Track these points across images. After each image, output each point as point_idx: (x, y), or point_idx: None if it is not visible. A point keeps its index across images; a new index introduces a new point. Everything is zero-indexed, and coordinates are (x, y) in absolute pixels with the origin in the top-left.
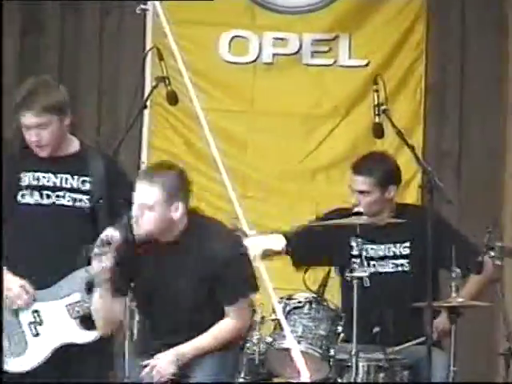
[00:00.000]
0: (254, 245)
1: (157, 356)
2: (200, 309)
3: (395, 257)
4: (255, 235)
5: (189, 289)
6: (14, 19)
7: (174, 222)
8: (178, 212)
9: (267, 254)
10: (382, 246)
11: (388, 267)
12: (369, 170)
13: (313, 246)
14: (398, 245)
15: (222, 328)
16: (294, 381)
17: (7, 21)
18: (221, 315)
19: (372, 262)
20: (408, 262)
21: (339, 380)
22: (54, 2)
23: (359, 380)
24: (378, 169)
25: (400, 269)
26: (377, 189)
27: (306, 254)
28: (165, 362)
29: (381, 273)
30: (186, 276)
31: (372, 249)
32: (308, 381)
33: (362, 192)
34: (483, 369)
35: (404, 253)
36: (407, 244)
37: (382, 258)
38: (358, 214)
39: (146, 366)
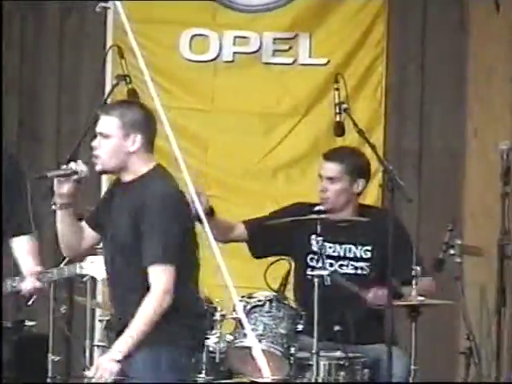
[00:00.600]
0: None
1: (100, 358)
2: (133, 262)
3: (355, 259)
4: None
5: (121, 239)
6: None
7: (131, 156)
8: (135, 145)
9: (230, 239)
10: (343, 246)
11: (347, 268)
12: (340, 157)
13: (272, 238)
14: (360, 247)
15: (145, 303)
16: (255, 379)
17: None
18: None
19: (331, 261)
20: (368, 266)
21: (299, 379)
22: (15, 1)
23: (320, 379)
24: (350, 158)
25: (359, 272)
26: (346, 177)
27: (265, 245)
28: (106, 362)
29: (339, 273)
30: (121, 224)
31: (330, 247)
32: (269, 379)
33: (330, 178)
34: (443, 368)
35: (365, 256)
36: (368, 248)
37: (342, 258)
38: (320, 212)
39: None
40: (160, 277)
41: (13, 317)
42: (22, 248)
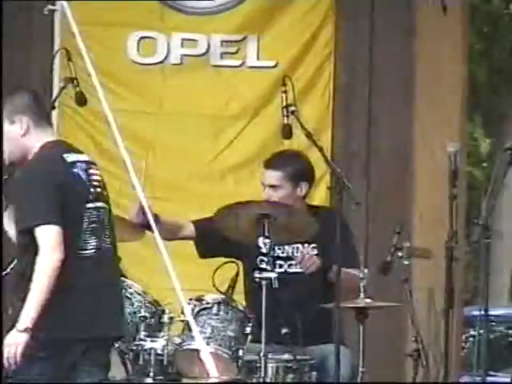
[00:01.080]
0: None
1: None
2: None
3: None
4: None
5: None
6: None
7: (24, 139)
8: (22, 129)
9: (178, 237)
10: (291, 246)
11: (296, 267)
12: (280, 165)
13: (220, 238)
14: (306, 245)
15: (35, 269)
16: (204, 381)
17: None
18: None
19: (281, 262)
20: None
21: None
22: None
23: (268, 379)
24: (290, 164)
25: (302, 271)
26: (288, 184)
27: (213, 244)
28: (12, 337)
29: (289, 273)
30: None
31: (279, 249)
32: (216, 381)
33: (273, 186)
34: (391, 370)
35: (312, 254)
36: (315, 245)
37: (291, 259)
38: (266, 215)
39: None
40: (41, 238)
41: None
42: None
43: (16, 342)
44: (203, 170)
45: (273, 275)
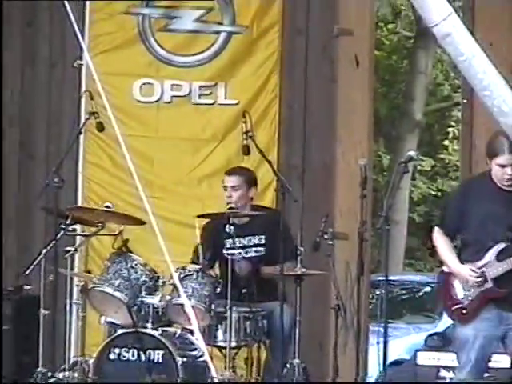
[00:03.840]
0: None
1: None
2: None
3: (254, 245)
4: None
5: None
6: None
7: None
8: None
9: None
10: (246, 238)
11: (251, 253)
12: (239, 172)
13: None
14: (257, 237)
15: None
16: (186, 326)
17: None
18: None
19: (239, 251)
20: (263, 249)
21: (219, 327)
22: (15, 57)
23: (233, 327)
24: (244, 173)
25: (258, 254)
26: (244, 186)
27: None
28: None
29: (246, 258)
30: None
31: (238, 239)
32: (196, 326)
33: (233, 187)
34: (320, 319)
35: (261, 242)
36: (262, 236)
37: (247, 247)
38: (233, 208)
39: None
40: None
41: (14, 282)
42: None
43: None
44: (186, 178)
45: (238, 257)
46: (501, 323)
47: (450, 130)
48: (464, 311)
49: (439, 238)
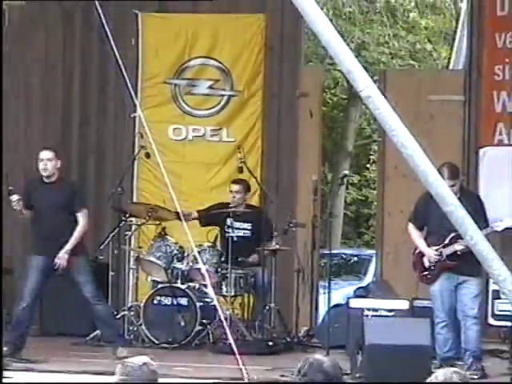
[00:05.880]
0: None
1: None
2: None
3: (245, 229)
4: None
5: None
6: None
7: None
8: None
9: (187, 219)
10: (240, 224)
11: (241, 233)
12: (240, 182)
13: (209, 217)
14: (246, 224)
15: None
16: (202, 283)
17: None
18: None
19: (236, 231)
20: (250, 232)
21: (223, 284)
22: (93, 110)
23: (231, 284)
24: (243, 182)
25: (246, 235)
26: (243, 191)
27: (206, 220)
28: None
29: (238, 235)
30: None
31: (234, 223)
32: (209, 283)
33: (237, 191)
34: (288, 279)
35: (248, 228)
36: (250, 223)
37: (240, 229)
38: (234, 207)
39: None
40: None
41: (92, 255)
42: None
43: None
44: (202, 188)
45: (234, 235)
46: (453, 281)
47: (371, 157)
48: (429, 276)
49: (412, 230)
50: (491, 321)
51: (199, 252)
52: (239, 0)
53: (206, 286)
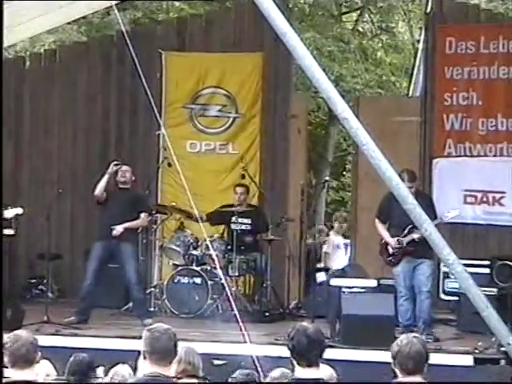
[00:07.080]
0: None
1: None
2: None
3: (246, 224)
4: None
5: None
6: None
7: None
8: None
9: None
10: (242, 219)
11: (243, 227)
12: (243, 186)
13: (218, 217)
14: (247, 219)
15: None
16: (213, 265)
17: None
18: None
19: (239, 225)
20: (251, 225)
21: (229, 267)
22: (126, 131)
23: (236, 266)
24: (246, 186)
25: (248, 228)
26: (245, 193)
27: (214, 220)
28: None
29: (241, 229)
30: None
31: (238, 219)
32: (218, 266)
33: (241, 193)
34: (281, 262)
35: (249, 223)
36: (250, 219)
37: (244, 224)
38: (238, 205)
39: None
40: None
41: None
42: None
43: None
44: (214, 190)
45: (240, 227)
46: (411, 264)
47: (346, 166)
48: (393, 260)
49: (378, 224)
50: (442, 296)
51: (210, 241)
52: (242, 42)
53: (215, 268)
